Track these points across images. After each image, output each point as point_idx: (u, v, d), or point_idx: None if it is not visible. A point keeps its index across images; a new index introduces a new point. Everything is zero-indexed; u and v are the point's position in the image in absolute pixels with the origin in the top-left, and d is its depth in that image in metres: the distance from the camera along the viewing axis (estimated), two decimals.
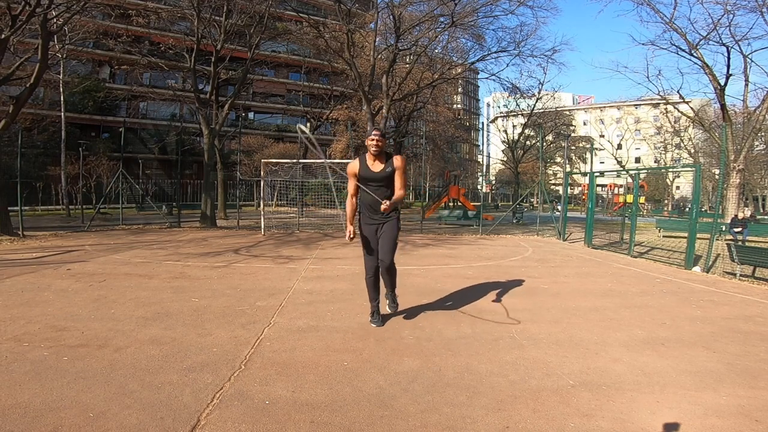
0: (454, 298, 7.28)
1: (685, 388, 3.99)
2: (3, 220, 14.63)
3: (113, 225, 20.16)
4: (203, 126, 22.11)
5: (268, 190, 21.37)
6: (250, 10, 22.67)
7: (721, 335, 5.68)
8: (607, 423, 3.32)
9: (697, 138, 49.92)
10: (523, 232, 22.09)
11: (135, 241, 14.52)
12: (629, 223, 15.76)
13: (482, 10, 22.82)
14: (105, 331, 5.08)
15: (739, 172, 23.92)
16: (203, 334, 5.13)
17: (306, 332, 5.32)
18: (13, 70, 15.30)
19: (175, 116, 43.33)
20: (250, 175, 33.62)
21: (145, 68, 38.97)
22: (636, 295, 8.10)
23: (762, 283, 10.04)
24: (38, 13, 13.91)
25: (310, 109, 48.41)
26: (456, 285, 8.37)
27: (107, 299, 6.59)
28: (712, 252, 12.26)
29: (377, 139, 5.33)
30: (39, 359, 4.19)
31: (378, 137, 5.34)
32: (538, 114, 50.34)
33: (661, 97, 29.23)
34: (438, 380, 4.01)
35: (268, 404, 3.46)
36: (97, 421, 3.09)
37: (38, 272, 8.70)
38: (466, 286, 8.35)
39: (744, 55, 23.92)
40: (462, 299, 7.21)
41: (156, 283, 7.95)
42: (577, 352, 4.86)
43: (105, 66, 44.49)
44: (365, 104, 24.02)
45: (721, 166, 14.79)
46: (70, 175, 32.78)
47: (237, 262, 10.70)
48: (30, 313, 5.76)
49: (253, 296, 7.07)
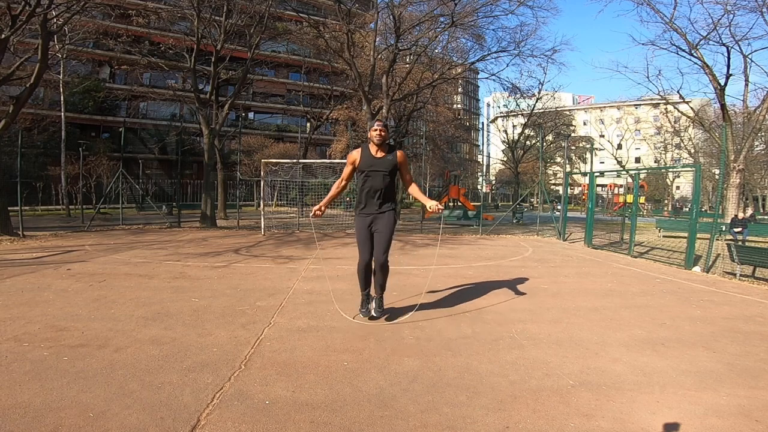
0: (454, 298, 7.28)
1: (685, 388, 3.99)
2: (3, 220, 14.63)
3: (113, 225, 20.17)
4: (203, 126, 22.15)
5: (268, 190, 21.40)
6: (250, 10, 22.72)
7: (722, 335, 5.68)
8: (607, 423, 3.31)
9: (697, 138, 49.95)
10: (523, 232, 22.10)
11: (135, 241, 14.53)
12: (629, 223, 15.77)
13: (482, 10, 22.78)
14: (105, 331, 5.08)
15: (739, 172, 23.89)
16: (203, 334, 5.13)
17: (306, 332, 5.32)
18: (13, 70, 15.29)
19: (175, 116, 43.36)
20: (250, 175, 33.65)
21: (145, 68, 39.07)
22: (636, 295, 8.11)
23: (762, 283, 10.05)
24: (38, 13, 13.91)
25: (310, 109, 48.25)
26: (456, 285, 8.38)
27: (107, 299, 6.59)
28: (712, 252, 12.25)
29: (380, 129, 5.49)
30: (39, 359, 4.19)
31: (381, 127, 5.50)
32: (538, 114, 50.40)
33: (661, 97, 29.27)
34: (438, 380, 4.01)
35: (268, 404, 3.46)
36: (97, 421, 3.09)
37: (38, 272, 8.70)
38: (466, 286, 8.36)
39: (744, 55, 23.94)
40: (462, 299, 7.21)
41: (156, 283, 7.95)
42: (577, 352, 4.85)
43: (105, 66, 44.49)
44: (365, 104, 24.01)
45: (721, 166, 14.79)
46: (70, 175, 32.82)
47: (237, 262, 10.70)
48: (30, 313, 5.76)
49: (253, 296, 7.07)
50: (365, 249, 5.63)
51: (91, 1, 16.93)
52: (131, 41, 33.09)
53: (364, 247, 5.64)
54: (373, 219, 5.63)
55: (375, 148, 5.54)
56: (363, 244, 5.64)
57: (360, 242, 5.67)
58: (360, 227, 5.67)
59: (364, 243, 5.63)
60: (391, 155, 5.56)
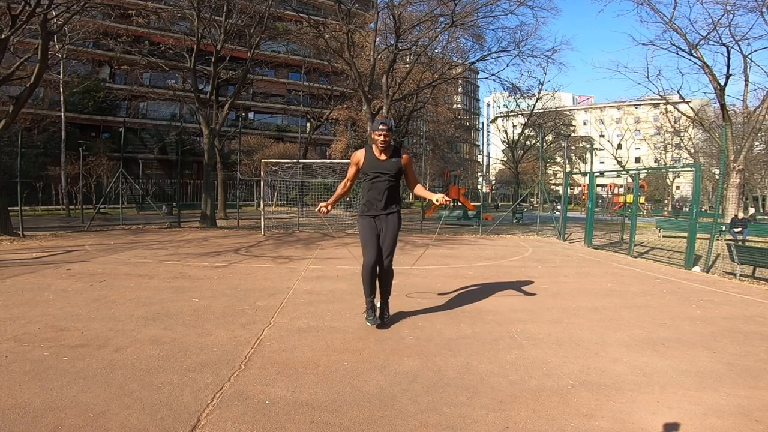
0: (454, 298, 7.28)
1: (685, 388, 3.98)
2: (3, 220, 14.63)
3: (113, 225, 20.17)
4: (203, 126, 22.18)
5: (268, 190, 21.39)
6: (250, 10, 22.72)
7: (721, 335, 5.68)
8: (607, 423, 3.31)
9: (697, 138, 50.02)
10: (523, 232, 22.10)
11: (135, 241, 14.53)
12: (629, 223, 15.77)
13: (482, 10, 22.95)
14: (105, 331, 5.08)
15: (739, 172, 23.94)
16: (203, 334, 5.12)
17: (306, 332, 5.32)
18: (13, 70, 15.30)
19: (175, 116, 43.39)
20: (250, 175, 33.66)
21: (145, 68, 39.12)
22: (636, 295, 8.11)
23: (762, 283, 10.05)
24: (38, 13, 13.91)
25: (310, 109, 48.35)
26: (456, 285, 8.37)
27: (107, 299, 6.59)
28: (712, 252, 12.25)
29: (385, 133, 5.27)
30: (39, 359, 4.19)
31: (386, 131, 5.28)
32: (538, 114, 50.57)
33: (661, 97, 29.29)
34: (438, 380, 4.00)
35: (268, 404, 3.46)
36: (97, 421, 3.08)
37: (38, 272, 8.70)
38: (466, 286, 8.35)
39: (744, 55, 23.96)
40: (462, 299, 7.21)
41: (156, 283, 7.95)
42: (577, 352, 4.85)
43: (105, 66, 44.49)
44: (365, 104, 24.06)
45: (721, 166, 14.80)
46: (70, 175, 32.84)
47: (237, 262, 10.70)
48: (30, 313, 5.75)
49: (253, 296, 7.07)
50: (371, 250, 5.40)
51: (91, 1, 16.94)
52: (131, 41, 33.14)
53: (370, 248, 5.42)
54: (379, 220, 5.51)
55: (378, 151, 5.40)
56: (369, 246, 5.43)
57: (365, 243, 5.47)
58: (365, 228, 5.51)
59: (370, 244, 5.42)
60: (396, 159, 5.43)
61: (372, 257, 5.36)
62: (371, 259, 5.36)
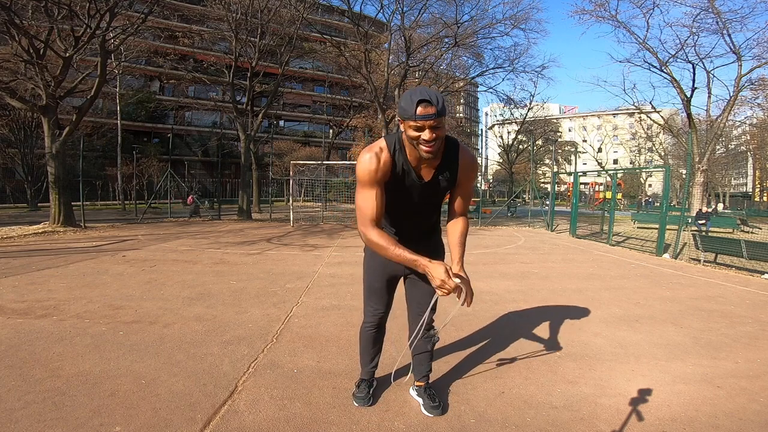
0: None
1: (656, 359, 3.95)
2: (67, 214, 14.75)
3: (162, 218, 20.33)
4: (240, 132, 22.45)
5: (296, 188, 21.50)
6: (281, 33, 23.00)
7: (688, 313, 5.62)
8: (589, 389, 3.29)
9: (667, 143, 49.77)
10: (517, 224, 21.96)
11: (181, 231, 14.61)
12: (608, 216, 15.65)
13: (481, 32, 22.82)
14: (155, 310, 5.10)
15: (703, 172, 24.40)
16: (240, 312, 5.13)
17: (329, 310, 5.31)
18: (76, 84, 15.40)
19: (216, 124, 43.72)
20: (280, 174, 33.67)
21: (189, 82, 39.26)
22: (614, 279, 8.04)
23: (722, 267, 9.93)
24: (98, 35, 14.00)
25: (333, 118, 48.46)
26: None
27: (157, 282, 6.62)
28: (679, 241, 12.12)
29: (432, 122, 2.14)
30: (98, 334, 4.21)
31: (435, 117, 2.11)
32: (530, 122, 50.42)
33: (636, 107, 29.44)
34: (444, 351, 3.99)
35: (296, 372, 3.46)
36: (149, 387, 3.10)
37: (97, 258, 8.77)
38: (466, 270, 8.30)
39: (707, 71, 24.16)
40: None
41: (199, 268, 7.98)
42: (563, 328, 4.81)
43: (155, 80, 44.68)
44: (380, 113, 23.94)
45: (687, 167, 14.60)
46: (125, 174, 33.07)
47: (269, 249, 10.72)
48: (90, 293, 5.79)
49: (283, 279, 7.07)
50: (381, 299, 2.98)
51: (143, 25, 17.01)
52: (178, 59, 33.30)
53: (377, 298, 3.00)
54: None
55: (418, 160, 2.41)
56: (376, 294, 2.99)
57: (371, 290, 3.02)
58: (374, 267, 3.02)
59: (378, 292, 2.98)
60: (450, 171, 2.54)
61: (377, 313, 2.99)
62: (376, 315, 3.00)
